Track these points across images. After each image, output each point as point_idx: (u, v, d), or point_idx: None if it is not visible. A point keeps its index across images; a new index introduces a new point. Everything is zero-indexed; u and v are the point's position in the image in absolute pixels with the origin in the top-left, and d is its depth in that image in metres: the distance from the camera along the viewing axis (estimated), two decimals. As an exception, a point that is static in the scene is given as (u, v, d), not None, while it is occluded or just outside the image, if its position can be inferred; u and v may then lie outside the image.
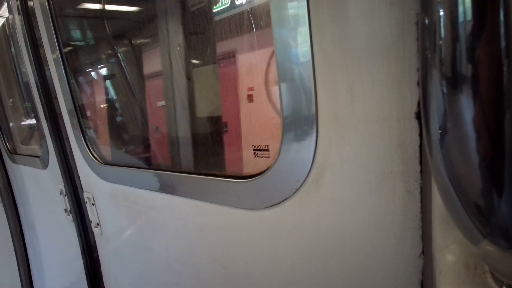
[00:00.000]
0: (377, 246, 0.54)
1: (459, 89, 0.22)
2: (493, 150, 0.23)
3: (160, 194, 0.94)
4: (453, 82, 0.22)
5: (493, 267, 0.34)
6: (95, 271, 1.43)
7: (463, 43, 0.22)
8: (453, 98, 0.23)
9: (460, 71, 0.22)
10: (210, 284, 0.88)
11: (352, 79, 0.51)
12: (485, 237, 0.28)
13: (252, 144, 0.79)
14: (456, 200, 0.26)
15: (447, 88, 0.23)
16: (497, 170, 0.23)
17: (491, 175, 0.24)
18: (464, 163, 0.24)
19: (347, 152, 0.54)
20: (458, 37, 0.22)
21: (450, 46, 0.22)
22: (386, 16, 0.46)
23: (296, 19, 0.54)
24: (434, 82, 0.23)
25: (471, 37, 0.21)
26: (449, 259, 0.37)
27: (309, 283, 0.65)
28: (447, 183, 0.26)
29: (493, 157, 0.23)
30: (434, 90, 0.23)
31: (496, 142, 0.22)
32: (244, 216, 0.72)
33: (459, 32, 0.21)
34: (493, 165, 0.23)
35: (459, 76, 0.22)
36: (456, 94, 0.22)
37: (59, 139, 1.36)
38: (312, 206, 0.60)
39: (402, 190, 0.50)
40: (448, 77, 0.22)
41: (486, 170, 0.23)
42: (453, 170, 0.25)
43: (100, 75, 1.40)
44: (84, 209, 1.37)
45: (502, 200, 0.25)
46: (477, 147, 0.23)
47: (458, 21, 0.21)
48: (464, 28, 0.21)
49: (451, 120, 0.23)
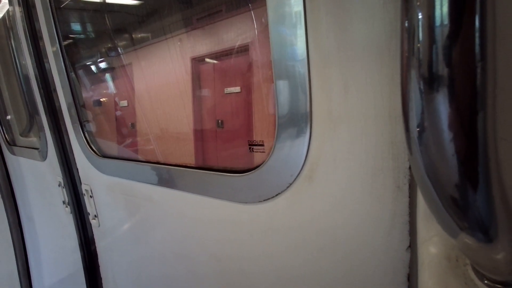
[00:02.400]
0: (367, 239, 0.56)
1: (436, 89, 0.23)
2: (467, 147, 0.24)
3: (157, 187, 0.95)
4: (430, 83, 0.24)
5: (472, 260, 0.36)
6: (92, 262, 1.44)
7: (439, 46, 0.23)
8: (430, 98, 0.24)
9: (437, 73, 0.23)
10: (204, 276, 0.90)
11: (346, 76, 0.52)
12: (462, 230, 0.29)
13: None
14: (434, 195, 0.28)
15: (424, 88, 0.24)
16: (472, 166, 0.25)
17: (466, 170, 0.25)
18: (440, 159, 0.25)
19: (340, 148, 0.56)
20: (435, 40, 0.23)
21: (427, 49, 0.23)
22: (381, 15, 0.47)
23: (292, 15, 0.55)
24: (413, 83, 0.24)
25: (448, 40, 0.22)
26: (432, 251, 0.38)
27: (300, 274, 0.67)
28: (425, 179, 0.27)
29: (467, 153, 0.24)
30: (413, 90, 0.25)
31: (470, 139, 0.24)
32: (238, 210, 0.73)
33: (436, 35, 0.23)
34: (468, 161, 0.24)
35: (435, 77, 0.23)
36: (433, 94, 0.24)
37: (57, 132, 1.37)
38: (305, 200, 0.62)
39: (392, 186, 0.52)
40: (426, 78, 0.24)
41: (461, 166, 0.25)
42: (431, 166, 0.26)
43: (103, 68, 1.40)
44: (82, 201, 1.38)
45: (477, 194, 0.26)
46: (453, 144, 0.24)
47: (435, 25, 0.22)
48: (441, 31, 0.22)
49: (428, 119, 0.24)
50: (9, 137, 2.07)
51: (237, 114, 0.84)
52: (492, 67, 0.23)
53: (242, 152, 0.82)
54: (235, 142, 0.86)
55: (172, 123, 1.03)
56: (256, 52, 0.77)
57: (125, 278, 1.28)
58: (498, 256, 0.34)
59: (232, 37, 0.82)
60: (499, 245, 0.32)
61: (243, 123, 0.83)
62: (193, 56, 0.92)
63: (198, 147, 0.95)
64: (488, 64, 0.23)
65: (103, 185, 1.21)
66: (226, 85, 0.86)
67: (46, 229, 1.89)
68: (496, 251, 0.33)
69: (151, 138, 1.10)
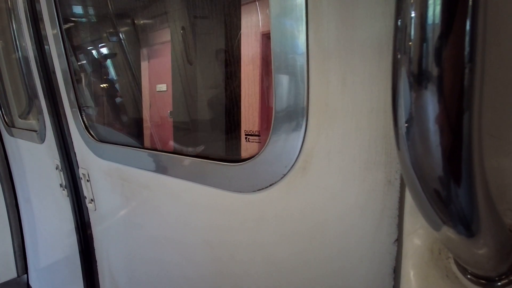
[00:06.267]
0: (357, 231, 0.57)
1: (424, 86, 0.24)
2: (452, 143, 0.25)
3: (153, 174, 0.96)
4: (419, 80, 0.24)
5: (454, 254, 0.37)
6: (87, 245, 1.46)
7: (430, 45, 0.24)
8: (418, 95, 0.25)
9: (426, 71, 0.24)
10: (197, 262, 0.92)
11: (345, 69, 0.53)
12: (445, 223, 0.30)
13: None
14: (419, 188, 0.29)
15: (413, 85, 0.25)
16: (455, 161, 0.26)
17: (450, 165, 0.26)
18: (426, 153, 0.26)
19: (335, 141, 0.56)
20: (426, 39, 0.23)
21: (418, 47, 0.24)
22: (382, 9, 0.47)
23: (293, 7, 0.55)
24: (403, 79, 0.25)
25: (439, 40, 0.23)
26: (416, 243, 0.39)
27: (291, 264, 0.68)
28: (411, 172, 0.28)
29: (452, 149, 0.25)
30: (402, 86, 0.25)
31: (455, 135, 0.25)
32: (233, 199, 0.74)
33: (427, 35, 0.23)
34: (452, 156, 0.25)
35: (424, 74, 0.24)
36: (421, 91, 0.24)
37: (56, 115, 1.37)
38: (298, 191, 0.63)
39: (383, 180, 0.53)
40: (415, 75, 0.24)
41: (445, 161, 0.26)
42: (417, 160, 0.27)
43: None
44: (79, 184, 1.40)
45: (460, 188, 0.27)
46: (438, 139, 0.25)
47: (427, 24, 0.23)
48: (432, 31, 0.23)
49: (416, 115, 0.25)
50: (8, 119, 2.07)
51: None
52: (480, 68, 0.24)
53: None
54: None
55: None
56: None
57: (119, 262, 1.31)
58: (480, 251, 0.35)
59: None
60: (481, 240, 0.33)
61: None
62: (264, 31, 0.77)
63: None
64: (476, 65, 0.24)
65: (100, 170, 1.22)
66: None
67: (43, 211, 1.91)
68: (478, 246, 0.34)
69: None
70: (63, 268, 1.81)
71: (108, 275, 1.41)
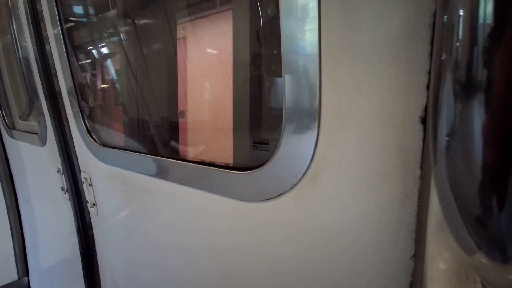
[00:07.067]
0: (370, 246, 0.54)
1: (472, 95, 0.21)
2: (499, 162, 0.22)
3: (157, 180, 0.94)
4: (466, 87, 0.21)
5: (484, 279, 0.34)
6: (89, 249, 1.44)
7: (480, 46, 0.21)
8: (464, 104, 0.22)
9: (475, 76, 0.21)
10: (202, 270, 0.89)
11: (358, 77, 0.50)
12: (480, 249, 0.27)
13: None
14: (455, 209, 0.26)
15: (459, 93, 0.22)
16: (501, 183, 0.23)
17: (494, 187, 0.23)
18: (467, 172, 0.23)
19: (347, 151, 0.54)
20: (476, 40, 0.21)
21: (467, 49, 0.21)
22: (399, 16, 0.45)
23: (306, 12, 0.53)
24: (447, 86, 0.22)
25: (489, 41, 0.20)
26: (441, 266, 0.37)
27: (299, 276, 0.66)
28: (447, 191, 0.25)
29: (498, 169, 0.22)
30: (446, 94, 0.22)
31: (503, 154, 0.22)
32: (240, 207, 0.72)
33: (477, 35, 0.20)
34: (498, 177, 0.23)
35: (473, 81, 0.21)
36: (468, 100, 0.21)
37: (57, 118, 1.35)
38: (307, 202, 0.60)
39: (399, 193, 0.50)
40: (462, 81, 0.21)
41: (489, 182, 0.23)
42: (456, 179, 0.24)
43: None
44: (80, 188, 1.37)
45: (502, 213, 0.24)
46: (483, 157, 0.22)
47: (477, 23, 0.20)
48: (483, 31, 0.20)
49: (459, 128, 0.22)
50: (9, 120, 2.05)
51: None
52: None
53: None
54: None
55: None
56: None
57: (121, 266, 1.28)
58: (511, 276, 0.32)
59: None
60: (515, 264, 0.30)
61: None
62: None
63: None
64: None
65: (102, 174, 1.20)
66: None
67: (43, 213, 1.89)
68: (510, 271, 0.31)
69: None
70: (64, 271, 1.79)
71: (110, 279, 1.39)
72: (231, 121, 0.81)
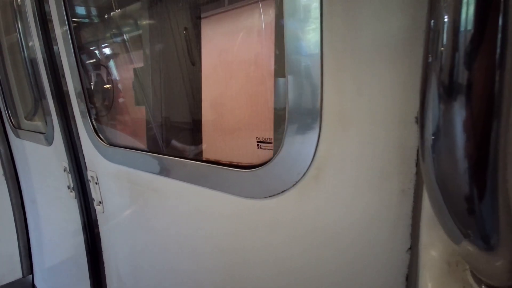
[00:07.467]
0: (370, 240, 0.57)
1: (453, 96, 0.24)
2: (478, 157, 0.25)
3: (163, 178, 0.97)
4: (448, 89, 0.24)
5: (472, 266, 0.37)
6: (95, 247, 1.47)
7: (462, 51, 0.23)
8: (447, 105, 0.25)
9: (456, 79, 0.23)
10: (207, 266, 0.92)
11: (360, 79, 0.53)
12: (466, 238, 0.30)
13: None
14: (442, 202, 0.29)
15: (442, 95, 0.25)
16: (480, 176, 0.26)
17: (476, 180, 0.26)
18: (451, 168, 0.26)
19: (349, 150, 0.57)
20: (457, 45, 0.23)
21: (450, 53, 0.24)
22: (398, 21, 0.47)
23: (308, 15, 0.55)
24: (432, 88, 0.25)
25: (470, 46, 0.23)
26: (433, 255, 0.40)
27: (302, 272, 0.68)
28: (435, 186, 0.28)
29: (477, 163, 0.25)
30: (432, 96, 0.25)
31: (481, 150, 0.25)
32: (244, 204, 0.75)
33: (459, 41, 0.23)
34: (477, 171, 0.26)
35: (454, 83, 0.24)
36: (450, 101, 0.24)
37: (65, 118, 1.38)
38: (310, 199, 0.63)
39: (397, 190, 0.53)
40: (445, 83, 0.24)
41: (471, 176, 0.26)
42: (441, 174, 0.27)
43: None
44: (87, 187, 1.40)
45: (482, 204, 0.27)
46: (464, 153, 0.25)
47: (459, 29, 0.23)
48: (464, 37, 0.23)
49: (443, 127, 0.25)
50: (14, 120, 2.08)
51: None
52: (510, 75, 0.24)
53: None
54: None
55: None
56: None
57: (127, 264, 1.31)
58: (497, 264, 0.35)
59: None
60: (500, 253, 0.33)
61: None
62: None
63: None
64: (506, 72, 0.23)
65: (109, 172, 1.23)
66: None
67: (48, 212, 1.92)
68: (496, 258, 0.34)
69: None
70: (68, 268, 1.82)
71: (115, 277, 1.42)
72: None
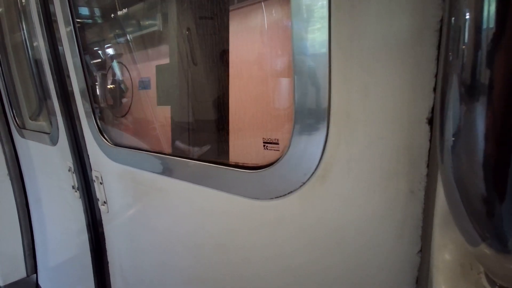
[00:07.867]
0: (377, 241, 0.57)
1: (476, 96, 0.23)
2: (499, 159, 0.24)
3: (168, 178, 0.97)
4: (469, 89, 0.23)
5: (487, 268, 0.37)
6: (99, 246, 1.47)
7: (484, 49, 0.22)
8: (468, 106, 0.24)
9: (478, 78, 0.23)
10: (212, 268, 0.92)
11: (367, 79, 0.52)
12: (484, 241, 0.30)
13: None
14: (460, 203, 0.28)
15: (463, 95, 0.24)
16: (501, 178, 0.25)
17: (496, 182, 0.25)
18: (471, 169, 0.26)
19: (356, 150, 0.56)
20: (480, 43, 0.22)
21: (471, 52, 0.23)
22: (407, 21, 0.47)
23: (316, 15, 0.55)
24: (453, 88, 0.24)
25: (492, 44, 0.22)
26: (446, 257, 0.39)
27: (308, 272, 0.68)
28: (453, 188, 0.28)
29: (499, 165, 0.25)
30: (452, 96, 0.25)
31: (503, 151, 0.24)
32: (249, 205, 0.74)
33: (481, 39, 0.22)
34: (498, 173, 0.25)
35: (477, 82, 0.23)
36: (472, 101, 0.23)
37: (69, 118, 1.39)
38: (316, 200, 0.63)
39: (405, 190, 0.52)
40: (466, 83, 0.23)
41: (491, 178, 0.25)
42: (461, 175, 0.27)
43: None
44: (91, 187, 1.41)
45: (503, 206, 0.27)
46: (485, 155, 0.24)
47: (481, 27, 0.22)
48: (486, 34, 0.22)
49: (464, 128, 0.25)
50: (19, 120, 2.09)
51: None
52: None
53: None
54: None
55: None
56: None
57: (132, 264, 1.31)
58: None
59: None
60: (516, 255, 0.33)
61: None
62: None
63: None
64: None
65: (114, 173, 1.23)
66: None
67: (53, 212, 1.93)
68: None
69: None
70: (73, 268, 1.83)
71: (120, 276, 1.42)
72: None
